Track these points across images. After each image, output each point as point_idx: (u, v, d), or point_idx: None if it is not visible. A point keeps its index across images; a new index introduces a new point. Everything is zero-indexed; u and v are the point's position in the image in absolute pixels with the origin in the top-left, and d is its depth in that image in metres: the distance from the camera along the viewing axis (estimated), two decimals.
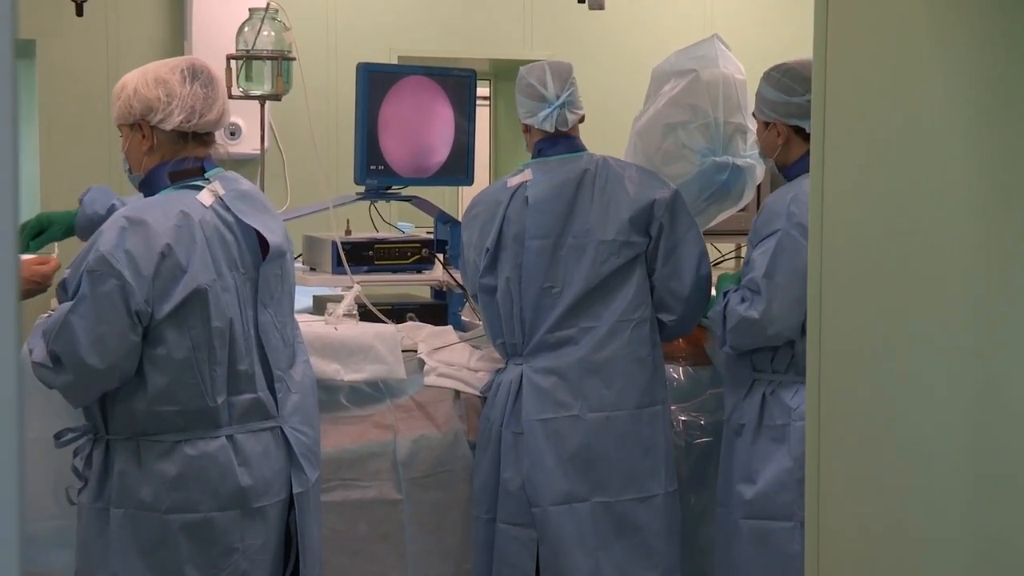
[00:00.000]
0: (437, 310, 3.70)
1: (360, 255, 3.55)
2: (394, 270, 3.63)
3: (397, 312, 3.56)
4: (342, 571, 3.06)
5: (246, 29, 4.03)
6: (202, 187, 2.56)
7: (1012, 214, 1.65)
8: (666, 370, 3.32)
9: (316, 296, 3.74)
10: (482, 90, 5.66)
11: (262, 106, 4.21)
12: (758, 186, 3.56)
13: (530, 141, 3.29)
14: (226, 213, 2.55)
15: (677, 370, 3.46)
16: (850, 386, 1.90)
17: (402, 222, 4.73)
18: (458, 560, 3.22)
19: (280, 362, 2.61)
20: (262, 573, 2.58)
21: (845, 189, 1.90)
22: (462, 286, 3.51)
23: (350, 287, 3.35)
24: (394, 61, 5.17)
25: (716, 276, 3.26)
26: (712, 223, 3.56)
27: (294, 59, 4.02)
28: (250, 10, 4.06)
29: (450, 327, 3.55)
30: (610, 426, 3.09)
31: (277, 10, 3.99)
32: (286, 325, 2.67)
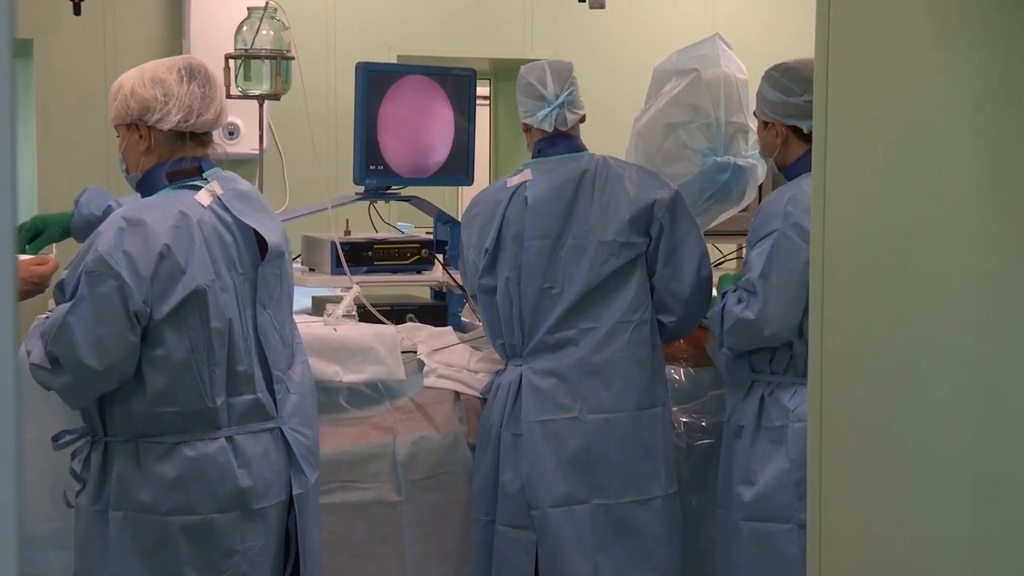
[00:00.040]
0: (437, 311, 3.69)
1: (359, 256, 3.54)
2: (393, 271, 3.62)
3: (396, 313, 3.55)
4: (341, 573, 3.05)
5: (245, 28, 4.01)
6: (200, 187, 2.55)
7: (1013, 214, 1.66)
8: (667, 371, 3.31)
9: (315, 297, 3.73)
10: (482, 90, 5.65)
11: (261, 106, 4.19)
12: (760, 186, 3.55)
13: (530, 141, 3.27)
14: (224, 213, 2.54)
15: (678, 371, 3.45)
16: (851, 386, 1.91)
17: (401, 222, 4.72)
18: (458, 562, 3.21)
19: (279, 363, 2.60)
20: (262, 575, 2.57)
21: (847, 189, 1.90)
22: (462, 287, 3.50)
23: (349, 288, 3.34)
24: (393, 60, 5.15)
25: (717, 277, 3.25)
26: (713, 223, 3.55)
27: (293, 58, 4.01)
28: (249, 9, 4.05)
29: (450, 328, 3.54)
30: (610, 428, 3.07)
31: (276, 9, 3.97)
32: (285, 325, 2.66)
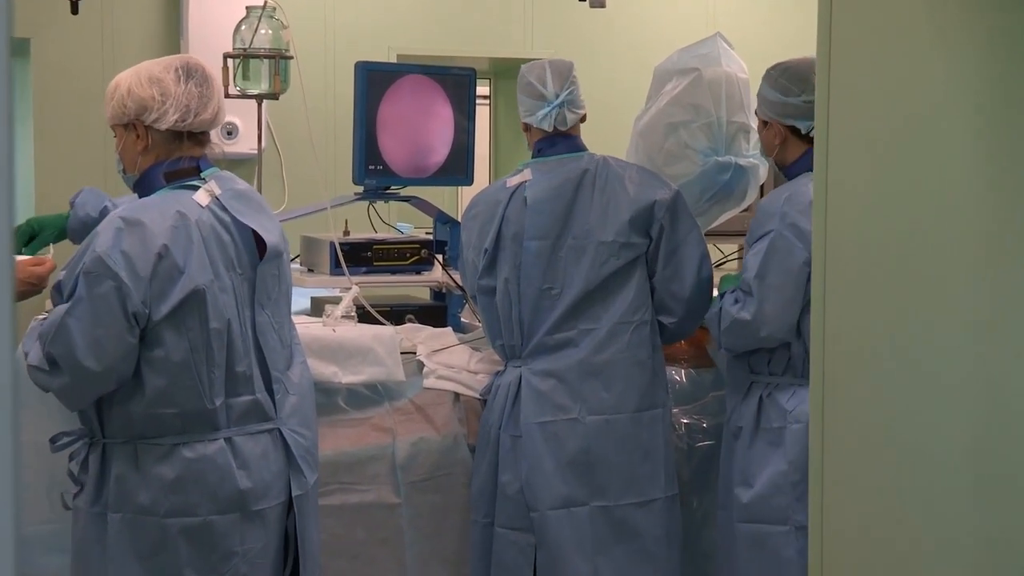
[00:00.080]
0: (436, 311, 3.67)
1: (358, 256, 3.53)
2: (393, 271, 3.61)
3: (396, 314, 3.54)
4: (341, 575, 3.03)
5: (243, 27, 4.00)
6: (198, 187, 2.54)
7: (1013, 214, 1.66)
8: (668, 372, 3.30)
9: (314, 297, 3.72)
10: (482, 89, 5.64)
11: (259, 105, 4.18)
12: (761, 186, 3.53)
13: (530, 140, 3.26)
14: (222, 213, 2.53)
15: (679, 372, 3.44)
16: (852, 386, 1.91)
17: (401, 223, 4.72)
18: (457, 564, 3.19)
19: (278, 363, 2.59)
20: None
21: (848, 189, 1.90)
22: (461, 287, 3.48)
23: (348, 288, 3.33)
24: (393, 60, 5.14)
25: (718, 277, 3.24)
26: (715, 223, 3.54)
27: (292, 58, 3.99)
28: (247, 8, 4.03)
29: (449, 329, 3.53)
30: (609, 430, 3.06)
31: (275, 8, 3.96)
32: (283, 326, 2.65)
